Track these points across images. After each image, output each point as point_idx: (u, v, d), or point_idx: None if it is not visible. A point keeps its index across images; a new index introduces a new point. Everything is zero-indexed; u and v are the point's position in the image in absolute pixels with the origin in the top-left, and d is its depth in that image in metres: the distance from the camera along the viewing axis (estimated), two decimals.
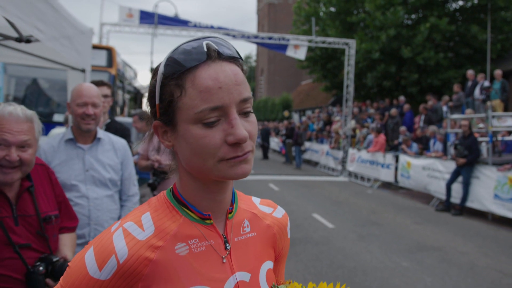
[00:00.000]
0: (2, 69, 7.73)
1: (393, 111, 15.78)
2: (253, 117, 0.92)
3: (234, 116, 0.86)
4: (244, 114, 0.90)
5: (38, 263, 1.80)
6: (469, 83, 14.29)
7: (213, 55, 0.88)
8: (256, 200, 1.14)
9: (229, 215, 1.00)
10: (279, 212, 1.15)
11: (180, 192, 0.97)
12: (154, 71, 0.93)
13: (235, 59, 0.91)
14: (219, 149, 0.86)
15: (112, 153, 2.90)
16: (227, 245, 0.97)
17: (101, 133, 2.91)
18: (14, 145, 1.77)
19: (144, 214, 0.94)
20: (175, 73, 0.87)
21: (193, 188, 0.96)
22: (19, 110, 1.82)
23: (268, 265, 1.05)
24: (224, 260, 0.96)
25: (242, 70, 0.93)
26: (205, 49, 0.87)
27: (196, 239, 0.94)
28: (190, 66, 0.86)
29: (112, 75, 10.07)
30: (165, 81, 0.89)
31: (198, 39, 0.90)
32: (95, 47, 8.57)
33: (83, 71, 4.69)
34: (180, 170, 0.98)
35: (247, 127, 0.88)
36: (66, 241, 2.11)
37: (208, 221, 0.96)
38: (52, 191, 2.08)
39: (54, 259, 1.85)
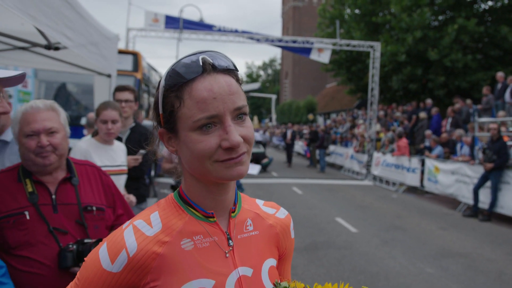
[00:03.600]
0: (33, 75, 8.00)
1: (422, 114, 15.50)
2: (248, 121, 0.99)
3: (228, 123, 0.94)
4: (239, 119, 0.97)
5: (71, 243, 1.94)
6: (499, 85, 13.91)
7: (208, 68, 0.95)
8: (259, 202, 1.21)
9: (232, 214, 1.07)
10: (282, 213, 1.21)
11: (185, 193, 1.05)
12: (158, 83, 1.01)
13: (230, 71, 0.99)
14: (214, 153, 0.94)
15: None
16: (230, 241, 1.04)
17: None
18: (42, 133, 1.96)
19: (153, 213, 1.03)
20: (174, 85, 0.96)
21: (196, 189, 1.03)
22: (39, 102, 2.02)
23: (271, 262, 1.11)
24: (227, 255, 1.02)
25: (238, 80, 1.01)
26: (201, 63, 0.95)
27: (200, 235, 1.01)
28: (187, 79, 0.94)
29: (138, 79, 10.28)
30: (166, 93, 0.98)
31: (196, 53, 0.98)
32: (121, 52, 8.78)
33: (109, 76, 4.82)
34: (185, 173, 1.06)
35: (242, 132, 0.96)
36: None
37: (211, 219, 1.03)
38: (102, 189, 2.23)
39: (85, 241, 1.96)
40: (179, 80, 0.94)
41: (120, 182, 3.39)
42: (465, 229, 8.69)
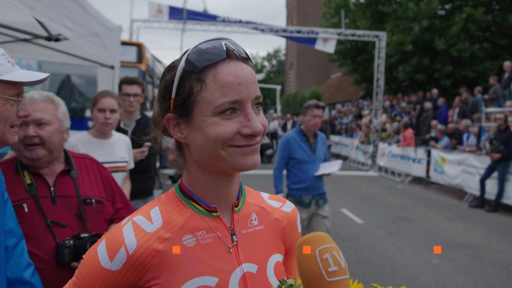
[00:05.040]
0: (37, 67, 7.98)
1: (427, 104, 15.36)
2: (262, 111, 0.99)
3: (250, 110, 0.93)
4: (256, 108, 0.96)
5: (67, 239, 1.91)
6: (506, 75, 13.75)
7: (232, 54, 0.93)
8: (264, 195, 1.16)
9: (236, 209, 1.03)
10: (288, 207, 1.16)
11: (187, 187, 1.01)
12: (170, 67, 0.98)
13: (247, 60, 0.97)
14: (231, 139, 0.92)
15: None
16: (234, 237, 1.00)
17: None
18: (31, 123, 1.92)
19: (153, 209, 0.99)
20: (196, 67, 0.92)
21: (200, 182, 0.99)
22: (35, 93, 1.99)
23: (277, 257, 1.06)
24: (231, 251, 0.99)
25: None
26: (224, 48, 0.93)
27: (203, 231, 0.97)
28: (211, 62, 0.92)
29: (142, 71, 10.24)
30: (185, 75, 0.93)
31: (216, 39, 0.95)
32: (125, 43, 8.73)
33: (112, 67, 4.78)
34: (189, 164, 1.01)
35: (260, 121, 0.94)
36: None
37: (214, 214, 1.00)
38: (101, 182, 2.20)
39: (82, 235, 1.93)
40: (203, 62, 0.92)
41: (116, 180, 3.27)
42: (471, 220, 8.64)
